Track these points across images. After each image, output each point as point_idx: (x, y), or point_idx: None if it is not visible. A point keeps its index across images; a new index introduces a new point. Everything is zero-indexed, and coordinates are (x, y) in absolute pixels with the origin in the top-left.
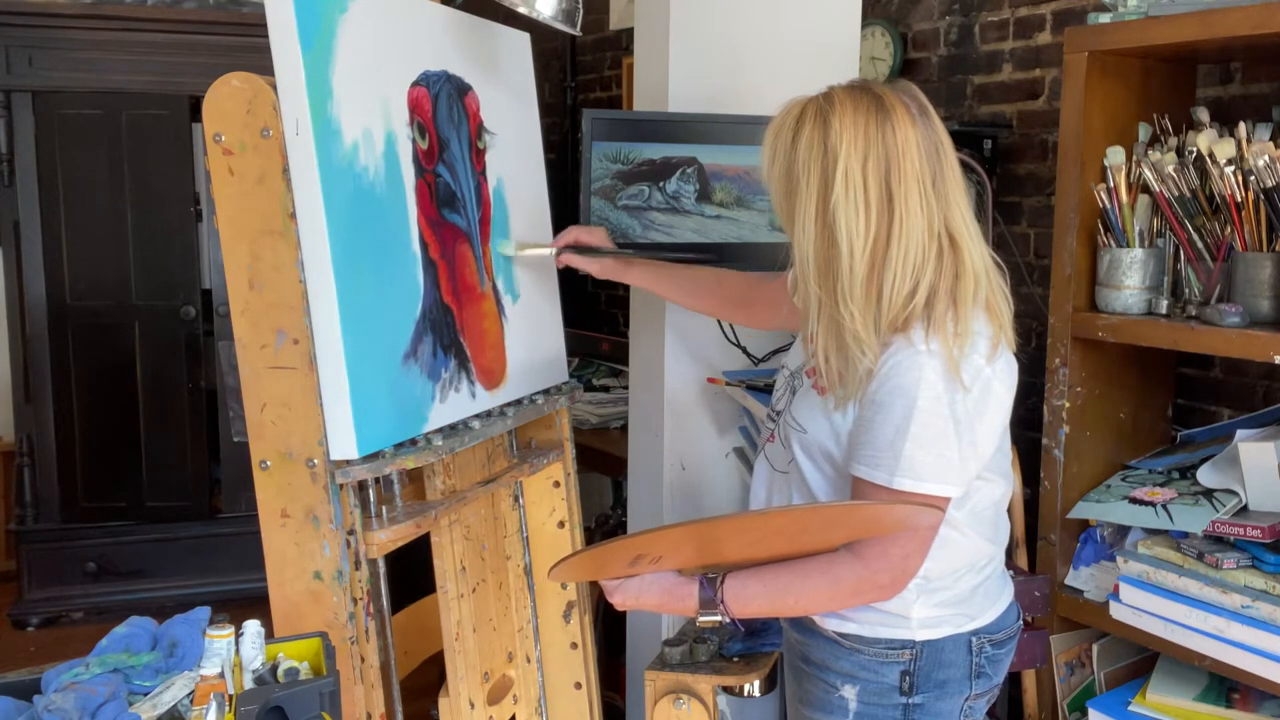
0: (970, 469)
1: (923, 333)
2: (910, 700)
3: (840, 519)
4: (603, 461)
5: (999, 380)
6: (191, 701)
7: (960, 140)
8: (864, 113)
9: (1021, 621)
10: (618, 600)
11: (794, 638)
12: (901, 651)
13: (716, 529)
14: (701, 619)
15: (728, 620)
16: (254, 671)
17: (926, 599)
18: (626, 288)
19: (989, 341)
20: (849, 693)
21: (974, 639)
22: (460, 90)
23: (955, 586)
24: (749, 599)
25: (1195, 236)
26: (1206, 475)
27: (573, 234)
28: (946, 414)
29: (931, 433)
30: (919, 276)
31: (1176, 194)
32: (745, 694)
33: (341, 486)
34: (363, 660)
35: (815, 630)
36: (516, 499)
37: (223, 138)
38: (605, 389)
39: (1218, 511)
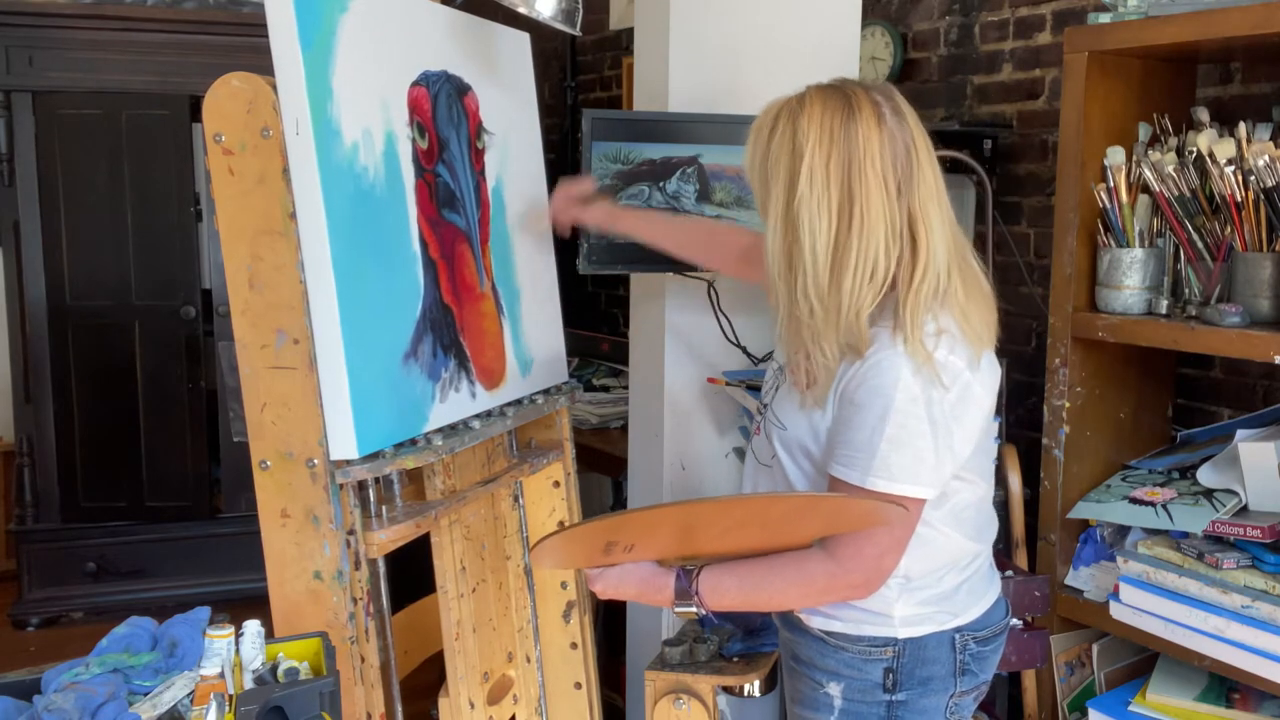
0: (946, 470)
1: (902, 334)
2: (894, 697)
3: (803, 510)
4: (603, 461)
5: (979, 383)
6: (191, 701)
7: (960, 140)
8: (831, 112)
9: (1010, 619)
10: (598, 588)
11: (785, 636)
12: (884, 649)
13: (681, 514)
14: (677, 610)
15: (703, 612)
16: (254, 671)
17: (908, 597)
18: (627, 287)
19: (968, 343)
20: (834, 690)
21: (958, 636)
22: (460, 90)
23: (938, 585)
24: (723, 592)
25: (1195, 236)
26: (1206, 475)
27: (561, 188)
28: (923, 415)
29: (907, 434)
30: (882, 277)
31: (1176, 194)
32: (745, 694)
33: (341, 486)
34: (363, 660)
35: (802, 628)
36: (516, 499)
37: (223, 138)
38: (605, 389)
39: (1218, 511)
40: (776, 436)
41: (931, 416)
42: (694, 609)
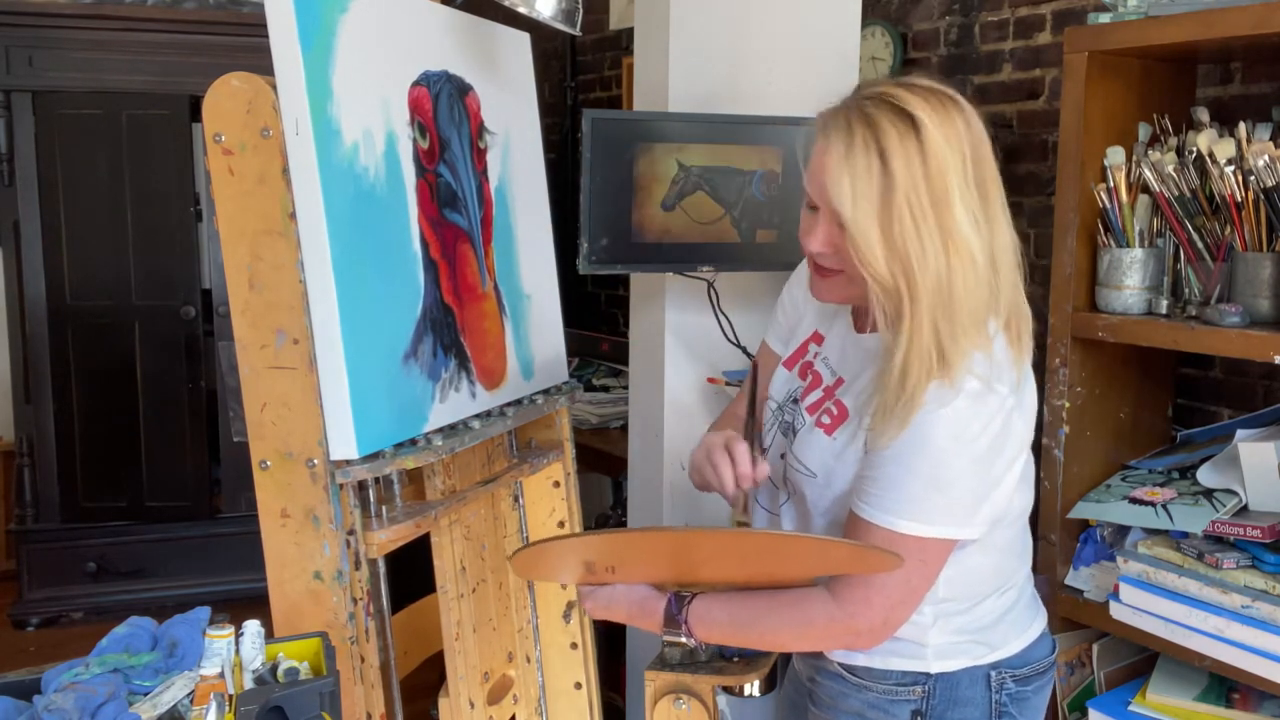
0: (985, 510)
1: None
2: None
3: (794, 550)
4: (603, 461)
5: (1019, 416)
6: (191, 701)
7: None
8: (948, 116)
9: (1055, 657)
10: (589, 607)
11: (801, 669)
12: (913, 688)
13: (652, 540)
14: (665, 638)
15: (693, 643)
16: (254, 671)
17: (944, 624)
18: (627, 287)
19: (1013, 368)
20: None
21: (993, 673)
22: (461, 90)
23: (976, 610)
24: (713, 623)
25: (1195, 236)
26: (1206, 475)
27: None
28: (964, 453)
29: (947, 474)
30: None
31: (1176, 194)
32: (745, 694)
33: (341, 486)
34: (363, 660)
35: (821, 662)
36: (516, 499)
37: (223, 138)
38: (605, 389)
39: (1218, 511)
40: (807, 486)
41: (973, 454)
42: (682, 638)
